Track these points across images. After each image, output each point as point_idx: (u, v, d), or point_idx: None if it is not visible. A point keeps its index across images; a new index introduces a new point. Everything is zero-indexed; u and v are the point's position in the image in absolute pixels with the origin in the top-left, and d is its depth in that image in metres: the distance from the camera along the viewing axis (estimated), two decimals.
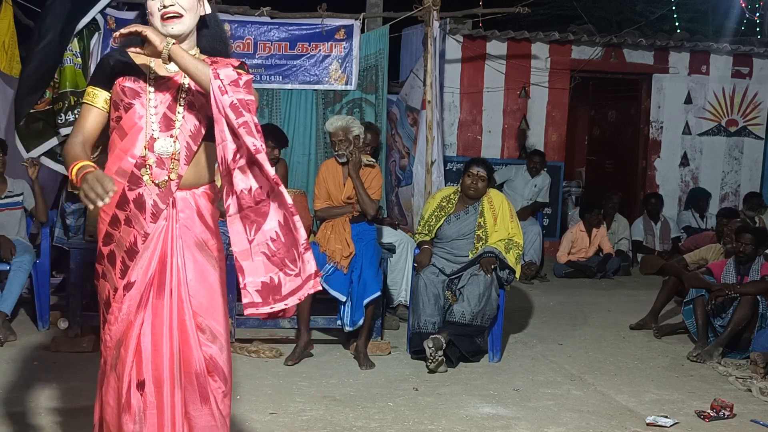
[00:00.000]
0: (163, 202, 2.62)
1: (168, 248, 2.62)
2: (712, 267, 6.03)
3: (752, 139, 10.20)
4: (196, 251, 2.67)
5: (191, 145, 2.64)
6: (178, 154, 2.62)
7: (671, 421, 4.20)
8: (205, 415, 2.66)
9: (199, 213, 2.68)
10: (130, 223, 2.62)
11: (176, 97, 2.63)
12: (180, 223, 2.64)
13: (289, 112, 6.91)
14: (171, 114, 2.62)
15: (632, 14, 12.25)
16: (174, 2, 2.57)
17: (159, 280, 2.61)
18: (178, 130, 2.62)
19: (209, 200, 2.73)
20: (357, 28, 6.88)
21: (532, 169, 8.76)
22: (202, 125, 2.65)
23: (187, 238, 2.65)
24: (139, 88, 2.62)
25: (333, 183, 5.31)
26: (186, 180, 2.65)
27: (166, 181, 2.62)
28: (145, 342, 2.59)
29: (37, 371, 4.67)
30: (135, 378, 2.59)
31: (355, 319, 5.11)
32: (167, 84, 2.64)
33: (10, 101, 6.63)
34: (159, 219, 2.62)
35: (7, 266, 5.46)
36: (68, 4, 6.38)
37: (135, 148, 2.61)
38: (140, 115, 2.61)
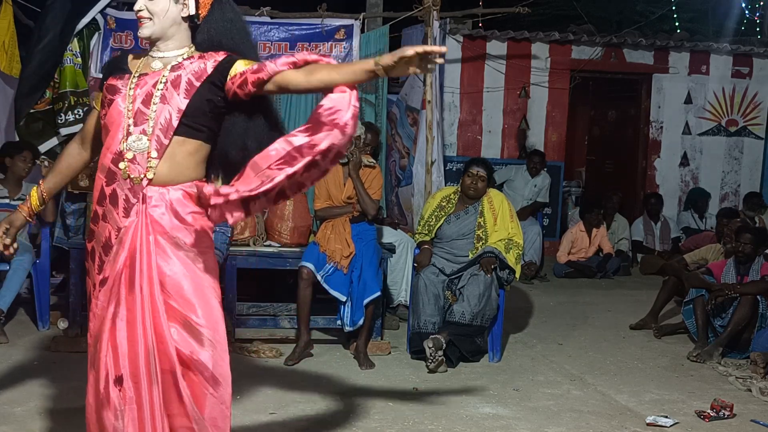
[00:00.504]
0: (134, 196, 2.61)
1: (137, 243, 2.59)
2: (712, 267, 6.03)
3: (752, 139, 10.20)
4: (170, 248, 2.61)
5: (161, 139, 2.60)
6: (151, 148, 2.60)
7: (671, 421, 4.20)
8: (180, 415, 2.60)
9: (172, 209, 2.62)
10: (106, 218, 2.65)
11: (152, 92, 2.63)
12: (150, 219, 2.60)
13: (289, 112, 6.91)
14: (145, 108, 2.62)
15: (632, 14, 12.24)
16: (142, 7, 2.65)
17: (129, 276, 2.59)
18: (151, 124, 2.60)
19: (190, 199, 2.65)
20: (357, 28, 6.89)
21: (532, 169, 8.76)
22: (173, 118, 2.60)
23: (160, 234, 2.61)
24: (122, 85, 2.66)
25: (333, 183, 5.31)
26: (159, 176, 2.61)
27: (140, 177, 2.60)
28: (120, 337, 2.57)
29: (37, 371, 4.67)
30: (113, 373, 2.56)
31: (355, 319, 5.11)
32: (146, 80, 2.65)
33: (10, 101, 6.64)
34: (130, 214, 2.61)
35: (6, 266, 5.46)
36: (68, 4, 6.39)
37: (114, 143, 2.64)
38: (119, 110, 2.64)
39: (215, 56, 2.65)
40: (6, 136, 6.63)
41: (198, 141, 2.66)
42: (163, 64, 2.67)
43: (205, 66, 2.63)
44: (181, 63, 2.66)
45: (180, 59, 2.67)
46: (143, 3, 2.65)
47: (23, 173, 5.75)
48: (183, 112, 2.60)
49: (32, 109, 6.40)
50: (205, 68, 2.63)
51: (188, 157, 2.65)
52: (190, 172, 2.67)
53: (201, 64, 2.63)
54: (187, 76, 2.62)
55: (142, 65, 2.69)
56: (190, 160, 2.66)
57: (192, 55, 2.69)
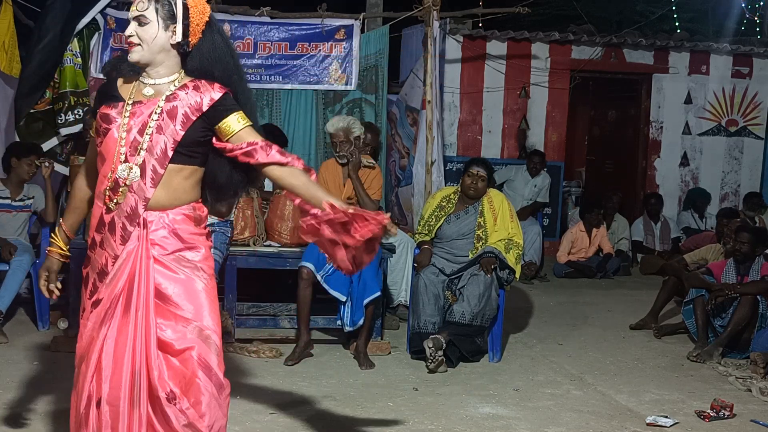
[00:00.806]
0: (131, 224, 2.67)
1: (137, 268, 2.65)
2: (712, 267, 6.03)
3: (752, 139, 10.20)
4: (175, 265, 2.68)
5: (157, 168, 2.66)
6: (144, 177, 2.65)
7: (671, 421, 4.20)
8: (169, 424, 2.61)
9: (174, 232, 2.70)
10: (103, 245, 2.70)
11: (147, 122, 2.68)
12: (152, 242, 2.67)
13: (289, 112, 6.91)
14: (140, 137, 2.67)
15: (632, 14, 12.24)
16: (133, 33, 2.71)
17: (126, 299, 2.64)
18: (144, 153, 2.66)
19: (190, 221, 2.74)
20: (357, 28, 6.88)
21: (532, 169, 8.76)
22: (168, 148, 2.67)
23: (162, 256, 2.68)
24: (116, 114, 2.71)
25: (333, 183, 5.31)
26: (157, 202, 2.68)
27: (134, 205, 2.66)
28: (107, 359, 2.62)
29: (37, 371, 4.67)
30: (95, 395, 2.62)
31: (355, 319, 5.11)
32: (142, 108, 2.70)
33: (10, 101, 6.64)
34: (129, 241, 2.67)
35: (6, 266, 5.46)
36: (68, 4, 6.39)
37: (110, 171, 2.68)
38: (114, 139, 2.69)
39: (210, 91, 2.71)
40: (6, 136, 6.63)
41: (193, 166, 2.74)
42: (155, 91, 2.72)
43: (201, 101, 2.69)
44: (175, 93, 2.70)
45: (173, 87, 2.72)
46: (134, 29, 2.71)
47: (27, 177, 5.73)
48: (178, 143, 2.67)
49: (32, 109, 6.40)
50: (201, 103, 2.69)
51: (184, 181, 2.73)
52: (186, 195, 2.74)
53: (197, 98, 2.69)
54: (184, 109, 2.68)
55: (134, 91, 2.74)
56: (186, 184, 2.74)
57: (185, 83, 2.73)
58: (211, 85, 2.72)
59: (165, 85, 2.73)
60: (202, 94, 2.70)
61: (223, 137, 2.72)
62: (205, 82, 2.73)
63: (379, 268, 5.24)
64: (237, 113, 2.72)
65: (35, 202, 5.79)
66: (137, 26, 2.71)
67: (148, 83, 2.74)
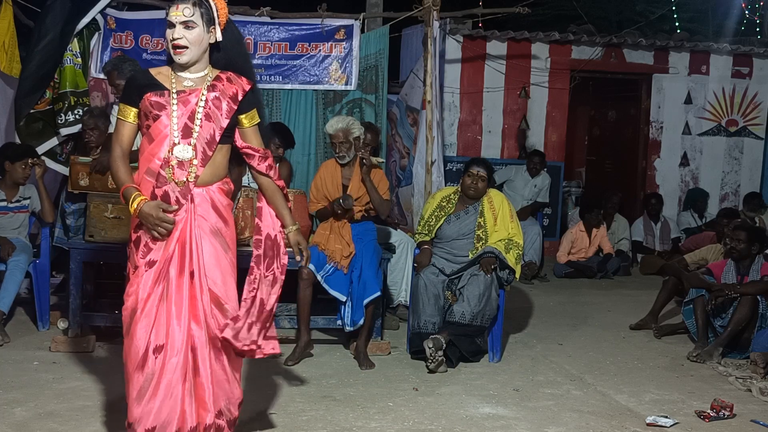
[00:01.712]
0: (183, 198, 3.12)
1: (187, 235, 3.11)
2: (712, 267, 6.02)
3: (752, 139, 10.20)
4: (212, 237, 3.17)
5: (206, 151, 3.14)
6: (196, 158, 3.12)
7: (671, 421, 4.20)
8: (218, 370, 3.17)
9: (214, 206, 3.18)
10: None
11: (195, 109, 3.12)
12: (197, 214, 3.14)
13: (289, 113, 6.91)
14: (190, 123, 3.11)
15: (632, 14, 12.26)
16: (181, 36, 3.07)
17: (180, 262, 3.10)
18: (195, 138, 3.12)
19: (223, 194, 3.24)
20: (357, 28, 6.88)
21: (532, 169, 8.76)
22: (216, 134, 3.15)
23: (204, 227, 3.15)
24: (165, 102, 3.11)
25: (332, 184, 5.31)
26: (202, 179, 3.15)
27: (185, 181, 3.12)
28: (165, 314, 3.07)
29: (37, 371, 4.67)
30: (153, 342, 3.05)
31: (355, 319, 5.11)
32: (188, 98, 3.13)
33: (10, 101, 6.63)
34: (180, 211, 3.11)
35: (4, 266, 5.46)
36: (68, 4, 6.38)
37: (161, 152, 3.11)
38: (165, 124, 3.10)
39: (242, 84, 3.22)
40: (6, 136, 6.63)
41: (228, 144, 3.26)
42: (194, 83, 3.16)
43: (236, 92, 3.19)
44: (214, 84, 3.16)
45: (209, 79, 3.17)
46: (182, 33, 3.07)
47: (22, 180, 5.72)
48: (224, 129, 3.17)
49: (32, 109, 6.40)
50: (237, 94, 3.19)
51: (223, 159, 3.24)
52: (223, 170, 3.26)
53: (233, 89, 3.19)
54: (226, 100, 3.16)
55: (175, 82, 3.15)
56: (224, 160, 3.25)
57: (218, 74, 3.19)
58: (240, 78, 3.22)
59: (201, 78, 3.17)
60: (236, 86, 3.19)
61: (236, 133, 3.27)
62: (234, 75, 3.22)
63: (379, 268, 5.24)
64: (252, 111, 3.25)
65: (32, 203, 5.78)
66: (185, 30, 3.08)
67: (188, 76, 3.16)
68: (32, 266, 5.59)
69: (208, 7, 3.11)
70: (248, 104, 3.23)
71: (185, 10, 3.06)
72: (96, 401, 4.17)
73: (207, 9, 3.11)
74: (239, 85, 3.20)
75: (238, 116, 3.21)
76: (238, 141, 3.28)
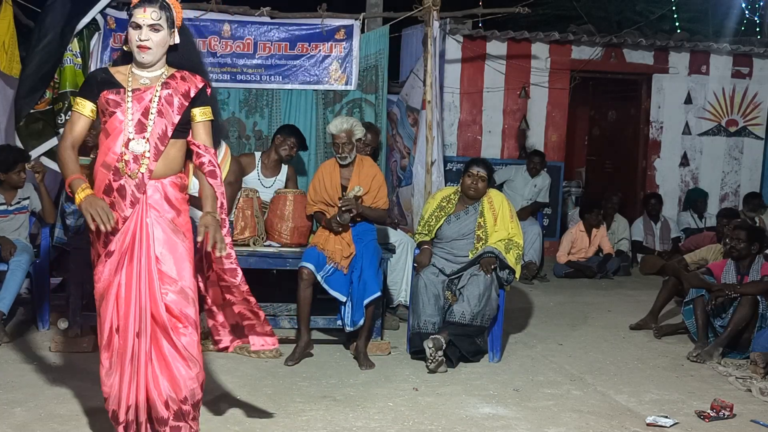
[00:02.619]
0: (139, 191, 3.27)
1: (138, 225, 3.27)
2: (712, 267, 6.02)
3: (752, 139, 10.20)
4: (165, 227, 3.30)
5: (158, 145, 3.29)
6: (148, 152, 3.27)
7: (671, 421, 4.20)
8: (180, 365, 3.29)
9: (166, 198, 3.32)
10: (113, 207, 3.26)
11: (149, 106, 3.28)
12: (149, 205, 3.28)
13: (289, 113, 6.90)
14: (144, 119, 3.28)
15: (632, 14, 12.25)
16: (148, 38, 3.27)
17: (130, 249, 3.27)
18: (149, 133, 3.27)
19: (176, 188, 3.37)
20: (357, 28, 6.87)
21: (532, 169, 8.76)
22: (168, 129, 3.31)
23: (157, 218, 3.29)
24: (120, 99, 3.28)
25: (330, 184, 5.30)
26: (156, 172, 3.30)
27: (138, 173, 3.26)
28: (120, 299, 3.27)
29: (37, 371, 4.67)
30: (115, 324, 3.28)
31: (355, 319, 5.11)
32: (142, 95, 3.30)
33: (10, 101, 6.63)
34: (135, 204, 3.27)
35: (5, 266, 5.46)
36: (68, 4, 6.38)
37: (115, 146, 3.27)
38: (120, 120, 3.27)
39: (195, 81, 3.38)
40: (6, 136, 6.62)
41: (182, 140, 3.41)
42: (150, 80, 3.32)
43: (189, 89, 3.35)
44: (167, 82, 3.33)
45: (163, 77, 3.34)
46: (148, 34, 3.25)
47: (20, 185, 5.72)
48: (175, 125, 3.33)
49: (32, 109, 6.39)
50: (189, 91, 3.35)
51: (177, 153, 3.39)
52: (177, 165, 3.39)
53: (185, 87, 3.35)
54: (178, 97, 3.32)
55: (131, 80, 3.32)
56: (178, 155, 3.39)
57: (173, 73, 3.36)
58: (194, 76, 3.39)
59: (157, 76, 3.34)
60: (189, 83, 3.36)
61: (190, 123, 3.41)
62: (188, 74, 3.38)
63: (379, 269, 5.24)
64: (205, 107, 3.40)
65: (31, 202, 5.78)
66: (151, 32, 3.26)
67: (144, 75, 3.33)
68: (32, 266, 5.59)
69: (170, 11, 3.31)
70: (201, 101, 3.38)
71: (153, 13, 3.26)
72: (96, 401, 4.16)
73: (170, 12, 3.31)
74: (192, 82, 3.36)
75: (190, 110, 3.35)
76: (189, 135, 3.42)
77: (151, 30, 3.26)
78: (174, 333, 3.27)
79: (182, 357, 3.29)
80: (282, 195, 5.66)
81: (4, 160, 5.69)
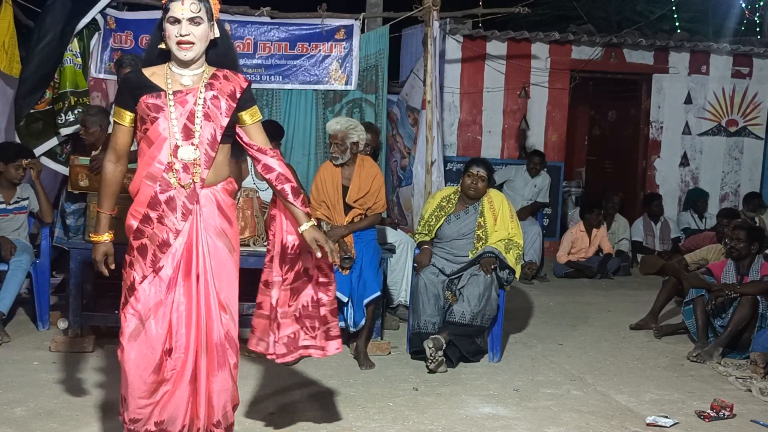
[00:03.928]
0: (190, 202, 3.07)
1: (193, 239, 3.07)
2: (712, 267, 6.02)
3: (752, 139, 10.20)
4: (217, 240, 3.12)
5: (209, 152, 3.08)
6: (199, 160, 3.06)
7: (671, 421, 4.20)
8: (223, 378, 3.14)
9: (219, 207, 3.14)
10: (163, 221, 3.06)
11: (194, 109, 3.05)
12: (203, 217, 3.09)
13: (289, 112, 6.91)
14: (190, 124, 3.05)
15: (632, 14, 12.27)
16: (189, 32, 3.01)
17: (186, 266, 3.06)
18: (198, 138, 3.06)
19: (228, 194, 3.19)
20: (357, 28, 6.88)
21: (532, 169, 8.76)
22: (217, 133, 3.09)
23: (210, 229, 3.11)
24: (162, 103, 3.04)
25: (331, 185, 5.29)
26: (207, 180, 3.10)
27: (191, 183, 3.06)
28: (175, 317, 3.05)
29: (37, 371, 4.67)
30: (167, 345, 3.05)
31: (357, 319, 5.11)
32: (185, 98, 3.06)
33: (10, 101, 6.63)
34: (188, 217, 3.07)
35: (6, 266, 5.46)
36: (68, 4, 6.39)
37: (161, 155, 3.04)
38: (164, 126, 3.04)
39: (239, 81, 3.16)
40: (6, 136, 6.63)
41: (229, 143, 3.20)
42: (192, 81, 3.09)
43: (234, 90, 3.13)
44: (211, 83, 3.10)
45: (206, 77, 3.10)
46: (189, 29, 3.01)
47: (16, 180, 5.72)
48: (224, 128, 3.11)
49: (32, 109, 6.40)
50: (234, 92, 3.12)
51: (224, 158, 3.18)
52: (224, 170, 3.19)
53: (230, 87, 3.12)
54: (225, 98, 3.09)
55: (171, 81, 3.08)
56: (225, 160, 3.19)
57: (214, 72, 3.13)
58: (236, 75, 3.17)
59: (198, 76, 3.10)
60: (232, 83, 3.13)
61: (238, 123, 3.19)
62: (231, 73, 3.16)
63: (379, 268, 5.24)
64: (253, 108, 3.19)
65: (30, 203, 5.78)
66: (192, 26, 3.01)
67: (185, 74, 3.09)
68: (32, 266, 5.59)
69: (208, 2, 3.08)
70: (247, 101, 3.17)
71: (192, 5, 3.01)
72: (96, 401, 4.17)
73: (208, 4, 3.07)
74: (236, 82, 3.14)
75: (238, 114, 3.15)
76: (245, 139, 3.21)
77: (191, 24, 3.01)
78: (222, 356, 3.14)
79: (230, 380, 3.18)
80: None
81: (6, 150, 5.71)
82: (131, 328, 3.05)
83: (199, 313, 3.08)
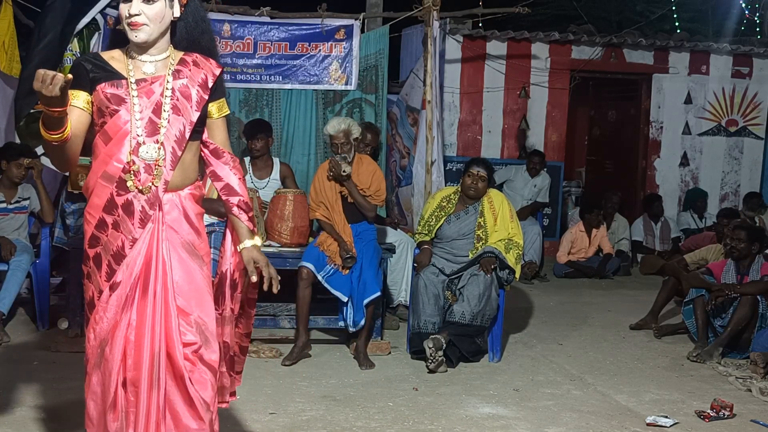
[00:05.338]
0: (151, 208, 2.64)
1: (153, 250, 2.63)
2: (712, 267, 6.02)
3: (752, 139, 10.20)
4: (183, 252, 2.69)
5: (176, 150, 2.65)
6: (163, 160, 2.63)
7: (671, 421, 4.20)
8: (189, 417, 2.64)
9: (185, 214, 2.71)
10: (118, 227, 2.64)
11: (161, 101, 2.64)
12: (166, 225, 2.66)
13: (289, 112, 6.91)
14: (156, 119, 2.63)
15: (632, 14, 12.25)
16: (139, 12, 2.59)
17: (144, 281, 2.62)
18: (163, 135, 2.63)
19: (195, 200, 2.75)
20: (357, 28, 6.88)
21: (532, 169, 8.76)
22: (186, 129, 2.67)
23: (174, 240, 2.67)
24: (123, 94, 2.62)
25: (330, 185, 5.29)
26: (172, 183, 2.67)
27: (151, 186, 2.63)
28: (130, 341, 2.60)
29: (37, 371, 4.67)
30: (121, 376, 2.60)
31: (356, 319, 5.11)
32: (150, 87, 2.64)
33: (10, 101, 6.63)
34: (147, 224, 2.64)
35: (6, 266, 5.46)
36: (68, 4, 6.38)
37: (121, 153, 2.61)
38: (125, 120, 2.61)
39: (211, 67, 2.73)
40: (6, 136, 6.62)
41: (198, 141, 2.77)
42: (156, 68, 2.67)
43: (206, 78, 2.71)
44: (180, 69, 2.68)
45: (172, 63, 2.69)
46: (140, 7, 2.59)
47: (17, 179, 5.72)
48: (194, 123, 2.69)
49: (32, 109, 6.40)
50: (206, 80, 2.71)
51: (193, 158, 2.75)
52: (192, 172, 2.76)
53: (201, 75, 2.70)
54: (195, 88, 2.68)
55: (133, 68, 2.66)
56: (194, 160, 2.76)
57: (181, 57, 2.71)
58: (208, 60, 2.74)
59: (163, 62, 2.69)
60: (204, 70, 2.72)
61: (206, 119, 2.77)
62: (201, 57, 2.73)
63: (379, 268, 5.24)
64: (221, 100, 2.79)
65: (31, 203, 5.78)
66: (143, 4, 2.60)
67: (147, 60, 2.67)
68: (32, 266, 5.59)
69: None
70: (218, 92, 2.76)
71: None
72: None
73: None
74: (208, 69, 2.72)
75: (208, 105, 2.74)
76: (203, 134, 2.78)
77: (143, 1, 2.59)
78: (189, 380, 2.62)
79: (194, 410, 2.63)
80: (282, 195, 5.65)
81: (9, 149, 5.72)
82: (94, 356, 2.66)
83: (153, 337, 2.60)
